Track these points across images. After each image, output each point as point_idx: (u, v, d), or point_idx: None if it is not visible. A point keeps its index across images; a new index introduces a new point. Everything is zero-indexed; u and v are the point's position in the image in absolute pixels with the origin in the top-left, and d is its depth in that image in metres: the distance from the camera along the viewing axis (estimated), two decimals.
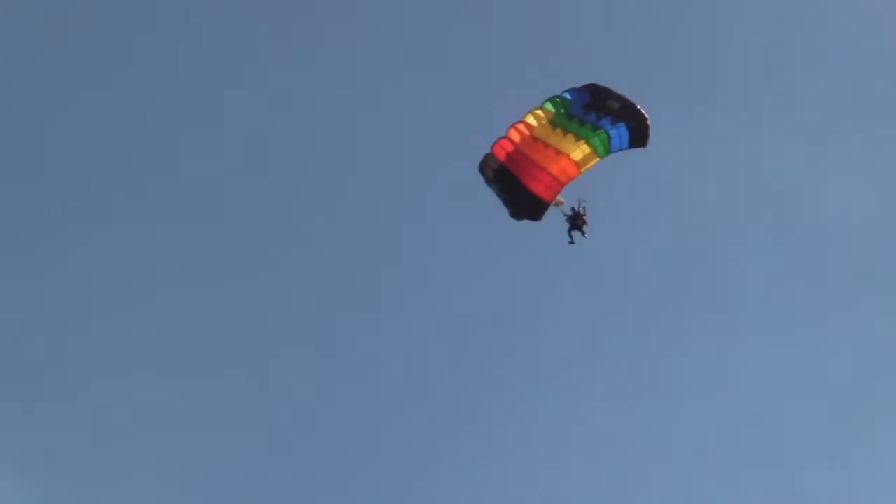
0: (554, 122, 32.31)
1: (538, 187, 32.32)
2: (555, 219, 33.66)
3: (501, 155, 32.50)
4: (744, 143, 58.59)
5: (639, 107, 32.09)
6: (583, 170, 32.33)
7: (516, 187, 32.41)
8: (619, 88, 32.09)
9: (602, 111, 32.20)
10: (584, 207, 33.88)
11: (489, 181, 32.76)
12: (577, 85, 32.40)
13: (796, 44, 61.46)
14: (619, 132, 32.16)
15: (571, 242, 34.36)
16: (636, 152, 32.60)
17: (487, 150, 32.64)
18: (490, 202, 32.99)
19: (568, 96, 32.49)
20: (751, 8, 61.86)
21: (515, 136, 32.42)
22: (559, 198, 32.83)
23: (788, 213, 58.48)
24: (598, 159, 32.33)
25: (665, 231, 57.52)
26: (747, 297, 56.84)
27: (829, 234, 57.94)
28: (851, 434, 53.14)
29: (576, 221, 34.09)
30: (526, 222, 32.87)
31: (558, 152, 32.16)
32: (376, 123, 60.77)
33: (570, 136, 32.19)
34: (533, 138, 32.31)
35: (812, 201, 58.43)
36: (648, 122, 32.01)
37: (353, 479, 52.49)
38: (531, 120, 32.45)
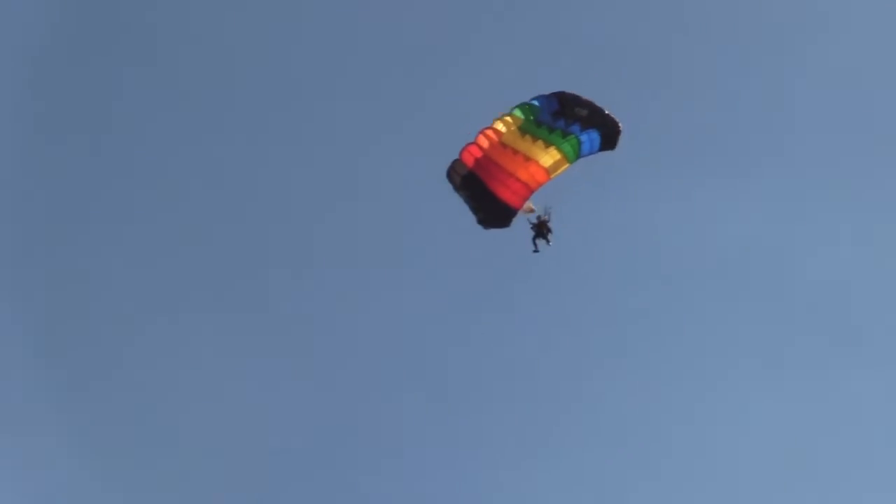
0: (523, 129, 32.02)
1: (507, 194, 31.97)
2: (520, 225, 33.49)
3: (470, 161, 32.08)
4: (721, 196, 58.38)
5: (608, 112, 31.93)
6: (552, 176, 32.05)
7: (485, 194, 32.05)
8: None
9: (571, 118, 32.00)
10: (549, 215, 33.64)
11: (457, 188, 32.31)
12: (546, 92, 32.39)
13: (780, 100, 61.61)
14: (590, 137, 31.98)
15: (536, 251, 34.10)
16: (604, 155, 32.50)
17: (455, 157, 32.35)
18: (458, 208, 32.73)
19: (536, 103, 32.25)
20: (732, 63, 61.94)
21: (484, 143, 32.04)
22: (529, 204, 32.58)
23: (763, 267, 58.24)
24: (567, 165, 32.08)
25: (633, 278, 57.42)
26: (718, 347, 56.56)
27: (806, 292, 57.74)
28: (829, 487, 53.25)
29: (541, 230, 33.84)
30: (493, 229, 32.61)
31: (527, 158, 31.85)
32: (342, 124, 60.23)
33: (539, 142, 31.92)
34: (502, 144, 31.98)
35: (788, 258, 58.26)
36: (620, 127, 31.87)
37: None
38: (500, 126, 32.12)
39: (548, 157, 31.86)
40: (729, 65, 62.04)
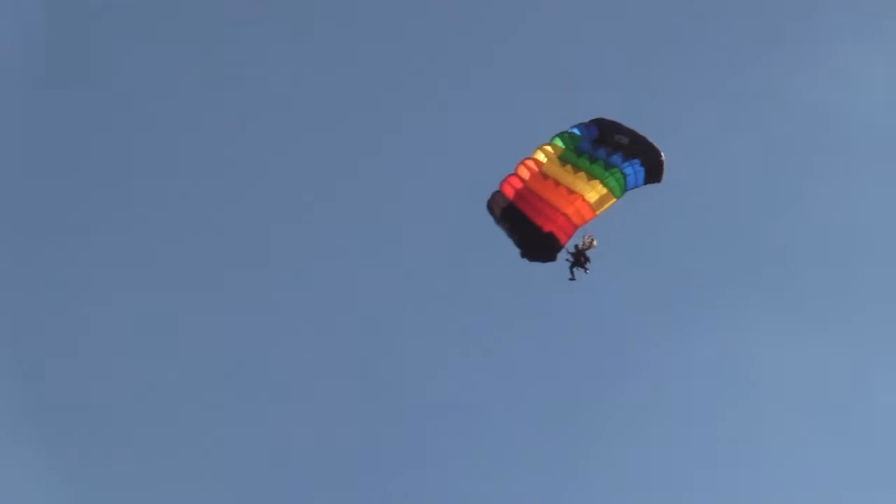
0: (564, 159, 31.28)
1: (552, 228, 31.28)
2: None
3: (510, 193, 31.30)
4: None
5: (650, 141, 31.21)
6: (598, 212, 31.39)
7: (528, 227, 31.35)
8: None
9: (612, 147, 31.29)
10: (587, 244, 32.94)
11: (498, 220, 31.61)
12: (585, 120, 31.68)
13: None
14: (634, 169, 31.32)
15: (572, 279, 33.41)
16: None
17: (496, 188, 31.58)
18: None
19: (576, 132, 31.50)
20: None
21: (525, 174, 31.27)
22: (590, 238, 32.13)
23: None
24: (614, 199, 31.41)
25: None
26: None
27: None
28: None
29: (578, 258, 33.17)
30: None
31: (571, 192, 31.14)
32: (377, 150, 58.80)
33: (581, 173, 31.21)
34: (543, 175, 31.21)
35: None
36: (663, 158, 31.21)
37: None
38: (541, 156, 31.32)
39: (593, 192, 31.13)
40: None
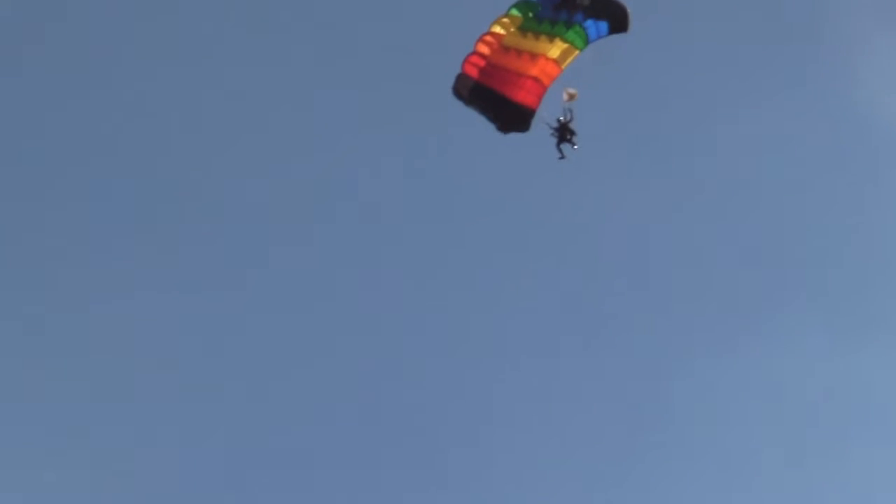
0: (524, 28, 30.39)
1: (521, 94, 30.25)
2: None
3: (474, 72, 30.45)
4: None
5: None
6: (563, 66, 30.34)
7: (498, 101, 30.37)
8: None
9: (574, 9, 30.33)
10: (570, 116, 31.82)
11: (467, 102, 30.72)
12: None
13: None
14: (596, 23, 30.30)
15: (562, 157, 32.32)
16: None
17: (458, 70, 30.65)
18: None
19: None
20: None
21: (485, 50, 30.42)
22: (570, 90, 30.86)
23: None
24: (577, 52, 30.35)
25: None
26: None
27: None
28: None
29: (563, 134, 32.08)
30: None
31: (534, 55, 30.18)
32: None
33: (542, 37, 30.29)
34: (503, 48, 30.34)
35: None
36: (628, 10, 30.08)
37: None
38: (498, 29, 30.49)
39: (555, 48, 30.17)
40: None
